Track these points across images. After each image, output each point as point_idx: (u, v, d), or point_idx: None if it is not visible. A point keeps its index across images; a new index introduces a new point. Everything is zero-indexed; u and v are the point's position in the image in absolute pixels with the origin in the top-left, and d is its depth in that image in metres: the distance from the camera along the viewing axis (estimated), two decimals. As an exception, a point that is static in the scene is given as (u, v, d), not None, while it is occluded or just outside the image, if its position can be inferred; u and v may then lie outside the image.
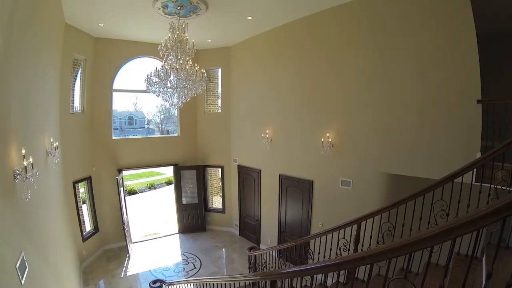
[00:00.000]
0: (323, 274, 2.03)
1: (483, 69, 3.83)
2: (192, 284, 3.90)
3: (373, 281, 2.89)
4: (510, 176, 2.40)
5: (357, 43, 5.25)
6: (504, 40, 5.28)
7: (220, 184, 9.35)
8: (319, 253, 3.94)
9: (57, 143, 4.30)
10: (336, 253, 3.56)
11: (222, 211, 9.27)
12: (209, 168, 9.28)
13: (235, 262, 7.46)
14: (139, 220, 10.75)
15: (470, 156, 3.85)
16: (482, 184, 2.59)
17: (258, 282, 3.69)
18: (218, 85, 8.99)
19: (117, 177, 7.36)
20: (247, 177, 8.26)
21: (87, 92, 7.09)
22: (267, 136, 7.14)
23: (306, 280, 4.00)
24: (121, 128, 27.18)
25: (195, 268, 7.14)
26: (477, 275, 2.24)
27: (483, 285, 1.65)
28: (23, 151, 2.33)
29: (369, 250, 1.40)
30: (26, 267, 2.31)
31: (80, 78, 6.93)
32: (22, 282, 2.16)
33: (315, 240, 3.90)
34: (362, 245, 3.35)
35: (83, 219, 7.14)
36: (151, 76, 4.82)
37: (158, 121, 26.87)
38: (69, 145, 6.20)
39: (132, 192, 16.13)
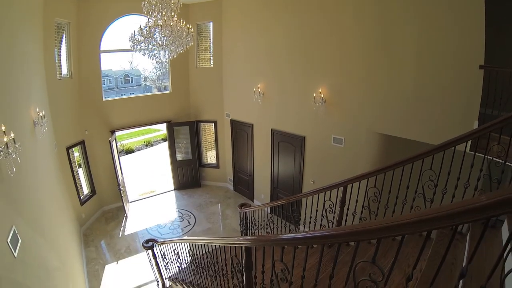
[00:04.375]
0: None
1: (489, 32, 3.46)
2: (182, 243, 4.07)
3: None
4: (505, 151, 2.29)
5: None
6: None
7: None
8: (305, 214, 4.04)
9: (43, 112, 4.20)
10: (322, 215, 3.66)
11: (217, 166, 9.39)
12: (202, 124, 9.19)
13: (228, 218, 7.74)
14: (136, 179, 10.92)
15: (467, 123, 3.75)
16: (476, 153, 2.50)
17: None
18: (210, 39, 8.50)
19: (109, 138, 7.32)
20: (240, 132, 8.21)
21: (74, 56, 6.69)
22: (259, 90, 6.94)
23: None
24: (117, 87, 26.48)
25: (190, 224, 7.39)
26: (459, 251, 2.21)
27: (463, 265, 1.66)
28: (3, 128, 2.33)
29: (339, 228, 1.38)
30: (19, 239, 2.37)
31: (66, 43, 6.49)
32: (15, 255, 2.23)
33: (307, 199, 3.89)
34: (348, 208, 3.43)
35: (80, 183, 7.21)
36: (135, 34, 4.58)
37: (155, 77, 26.16)
38: (59, 111, 6.05)
39: (129, 151, 16.14)
